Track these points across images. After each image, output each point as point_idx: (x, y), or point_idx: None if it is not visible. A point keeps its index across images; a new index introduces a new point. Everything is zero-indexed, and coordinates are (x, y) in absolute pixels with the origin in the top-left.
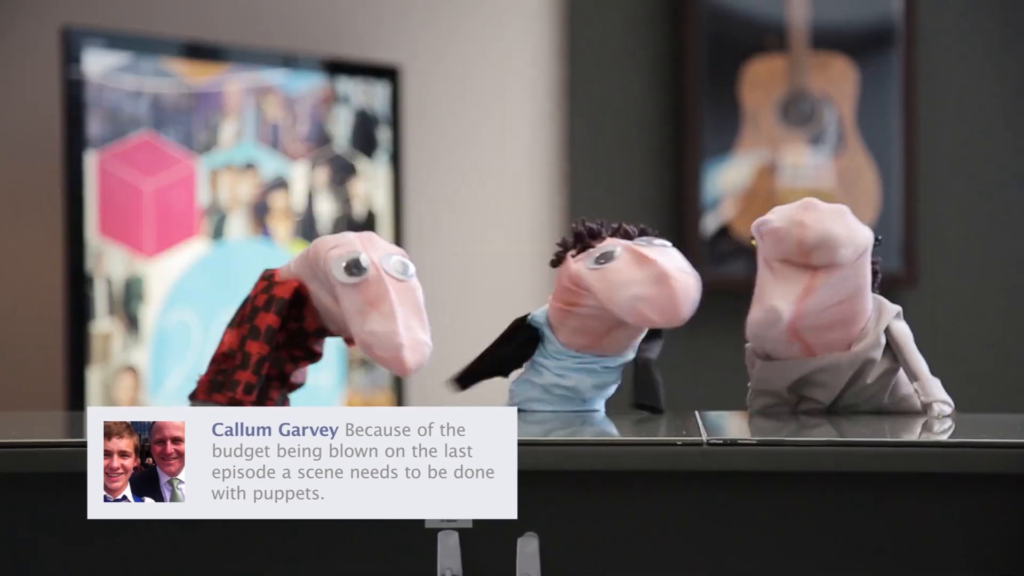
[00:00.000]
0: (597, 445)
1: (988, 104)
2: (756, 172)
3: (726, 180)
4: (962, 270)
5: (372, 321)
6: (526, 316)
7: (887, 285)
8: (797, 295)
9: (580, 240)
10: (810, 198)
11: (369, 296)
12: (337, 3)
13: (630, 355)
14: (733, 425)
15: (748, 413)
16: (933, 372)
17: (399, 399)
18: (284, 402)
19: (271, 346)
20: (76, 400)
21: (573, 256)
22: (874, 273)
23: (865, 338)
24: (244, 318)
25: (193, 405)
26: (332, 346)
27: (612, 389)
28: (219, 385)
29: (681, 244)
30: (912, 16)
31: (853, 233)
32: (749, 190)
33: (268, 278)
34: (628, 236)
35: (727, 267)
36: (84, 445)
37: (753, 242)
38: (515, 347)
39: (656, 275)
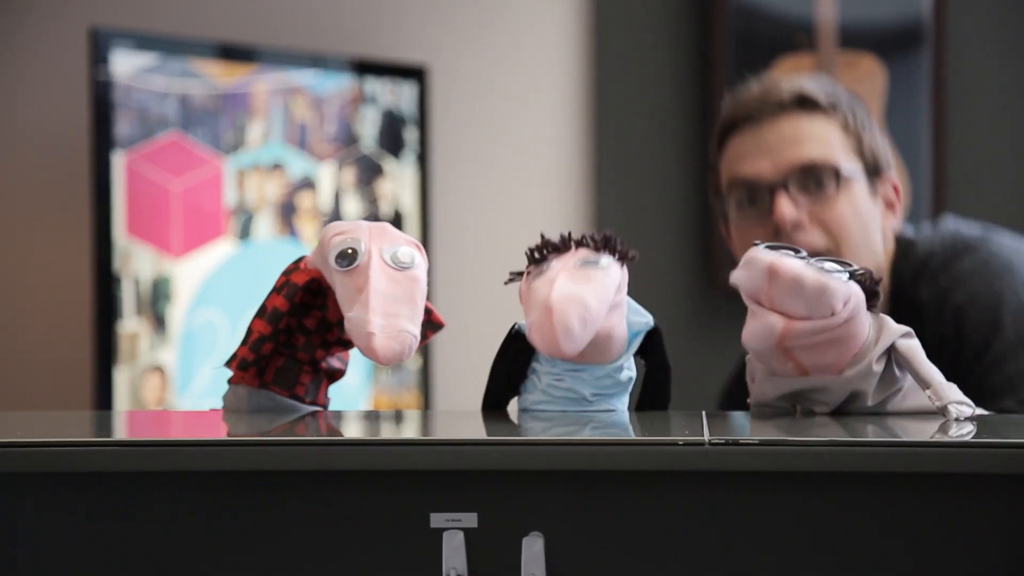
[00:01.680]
0: (600, 445)
1: (1017, 103)
2: None
3: None
4: None
5: (352, 308)
6: (514, 325)
7: None
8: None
9: (535, 258)
10: (773, 264)
11: (356, 283)
12: (365, 3)
13: (621, 360)
14: (737, 425)
15: (754, 414)
16: None
17: (426, 399)
18: (317, 389)
19: (274, 327)
20: (103, 400)
21: (529, 272)
22: (873, 294)
23: (858, 364)
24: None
25: (230, 389)
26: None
27: (623, 388)
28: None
29: (707, 244)
30: (941, 15)
31: (811, 302)
32: None
33: (295, 263)
34: (584, 247)
35: None
36: (82, 445)
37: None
38: (513, 357)
39: (543, 302)
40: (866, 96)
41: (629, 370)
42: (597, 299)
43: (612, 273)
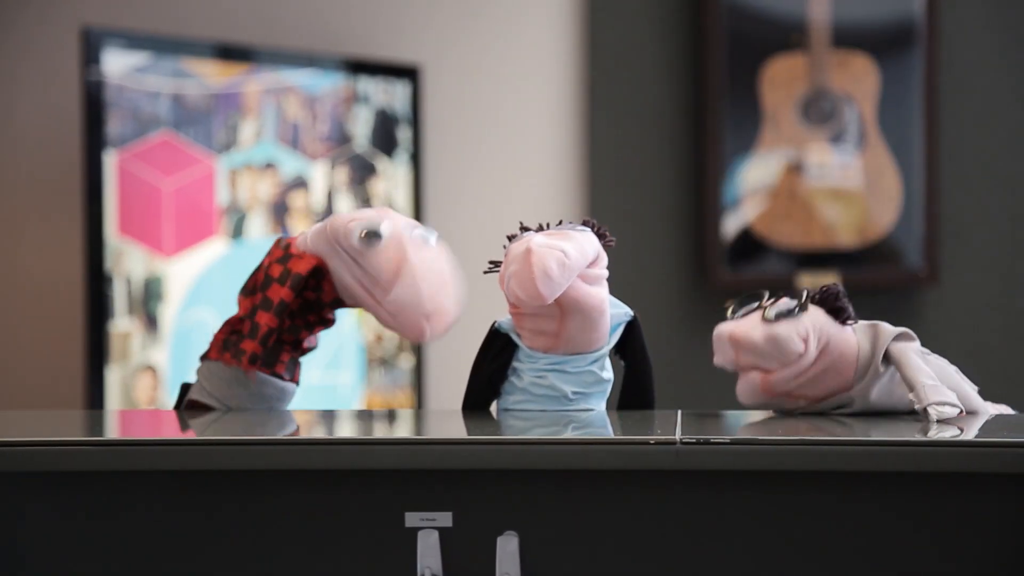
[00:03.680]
0: (573, 444)
1: (1010, 101)
2: (782, 171)
3: (747, 179)
4: (984, 268)
5: (396, 290)
6: (495, 323)
7: (910, 284)
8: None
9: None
10: (732, 335)
11: (390, 263)
12: (357, 3)
13: (605, 349)
14: (711, 424)
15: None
16: None
17: (419, 398)
18: (295, 368)
19: (281, 319)
20: (96, 399)
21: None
22: (840, 310)
23: (861, 380)
24: (257, 286)
25: (204, 364)
26: (352, 346)
27: (603, 388)
28: (231, 345)
29: (700, 243)
30: (934, 14)
31: (774, 354)
32: (773, 190)
33: (285, 248)
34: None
35: (748, 267)
36: (74, 444)
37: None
38: (494, 356)
39: (523, 250)
40: (859, 96)
41: (609, 371)
42: (575, 250)
43: (591, 237)
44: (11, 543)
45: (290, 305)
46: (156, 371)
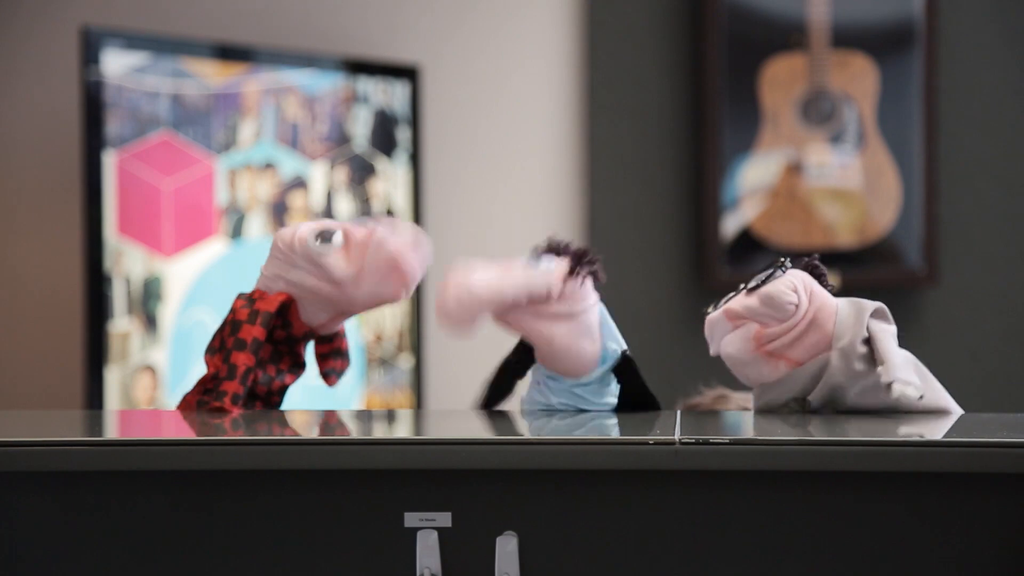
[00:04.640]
0: (572, 444)
1: (1009, 102)
2: (782, 171)
3: (747, 179)
4: (983, 268)
5: (385, 237)
6: None
7: (909, 284)
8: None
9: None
10: (728, 310)
11: (355, 241)
12: (357, 3)
13: (589, 380)
14: (710, 424)
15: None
16: (954, 371)
17: (418, 398)
18: None
19: (257, 357)
20: (94, 399)
21: None
22: (818, 274)
23: (840, 342)
24: (227, 334)
25: None
26: (351, 345)
27: (610, 400)
28: (206, 402)
29: (699, 243)
30: (933, 14)
31: (771, 313)
32: (772, 189)
33: (248, 297)
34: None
35: (747, 267)
36: (73, 444)
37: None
38: (516, 350)
39: None
40: (858, 96)
41: (612, 396)
42: (492, 287)
43: (545, 273)
44: (10, 543)
45: (264, 344)
46: (155, 371)
